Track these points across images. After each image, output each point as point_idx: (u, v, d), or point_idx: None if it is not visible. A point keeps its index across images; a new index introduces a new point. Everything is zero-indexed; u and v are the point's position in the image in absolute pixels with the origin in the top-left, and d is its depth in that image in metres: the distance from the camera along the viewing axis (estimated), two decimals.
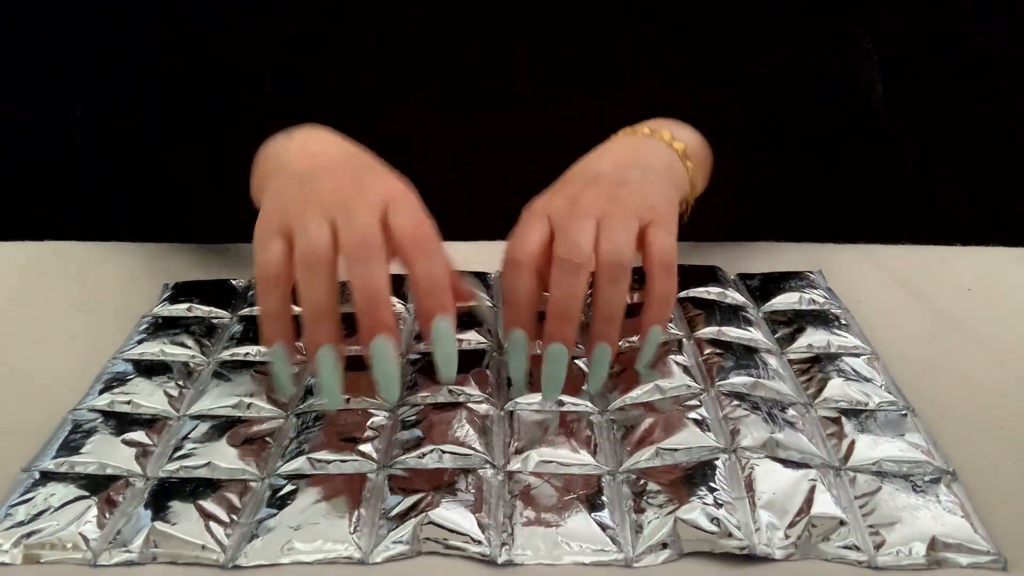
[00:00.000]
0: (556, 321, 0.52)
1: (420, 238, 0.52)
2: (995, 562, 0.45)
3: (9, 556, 0.45)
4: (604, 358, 0.54)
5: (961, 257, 0.76)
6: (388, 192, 0.53)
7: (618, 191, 0.56)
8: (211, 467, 0.51)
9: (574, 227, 0.53)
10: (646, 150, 0.63)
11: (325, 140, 0.62)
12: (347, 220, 0.51)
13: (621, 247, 0.53)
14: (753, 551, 0.45)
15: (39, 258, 0.76)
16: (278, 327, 0.52)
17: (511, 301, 0.54)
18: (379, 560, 0.45)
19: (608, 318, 0.53)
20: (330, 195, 0.52)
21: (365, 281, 0.49)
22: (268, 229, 0.53)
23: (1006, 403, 0.57)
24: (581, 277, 0.52)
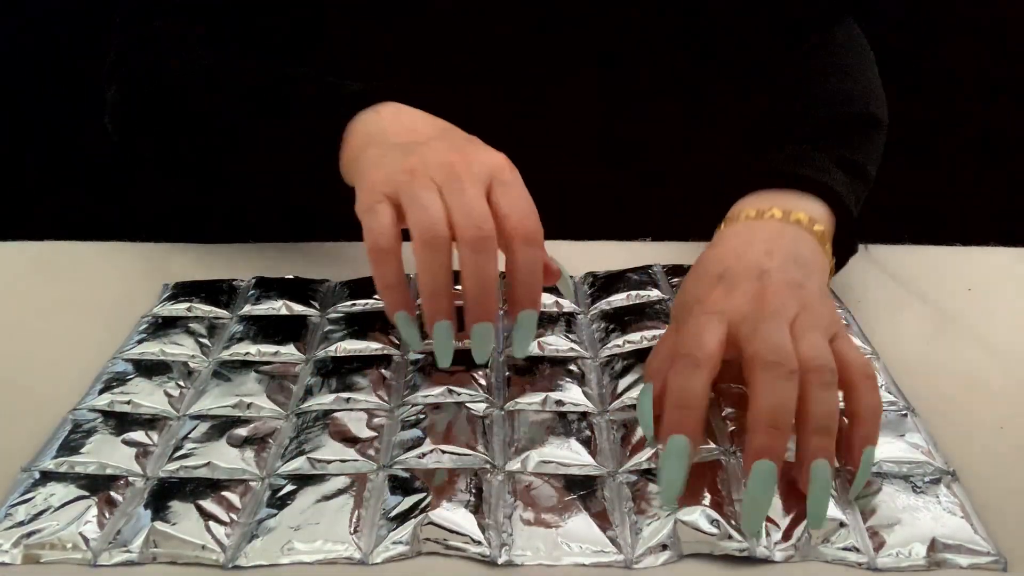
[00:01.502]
0: (770, 432, 0.46)
1: (523, 226, 0.53)
2: (995, 563, 0.45)
3: (9, 556, 0.45)
4: (826, 478, 0.46)
5: (961, 257, 0.76)
6: (494, 165, 0.55)
7: (800, 293, 0.53)
8: (211, 467, 0.51)
9: (776, 330, 0.49)
10: (795, 241, 0.58)
11: (413, 113, 0.61)
12: (458, 195, 0.52)
13: (826, 352, 0.49)
14: (753, 553, 0.45)
15: (39, 258, 0.76)
16: (399, 297, 0.54)
17: (681, 404, 0.48)
18: (379, 560, 0.45)
19: (824, 429, 0.47)
20: (436, 164, 0.53)
21: (477, 271, 0.52)
22: (374, 193, 0.54)
23: (1006, 403, 0.57)
24: (793, 383, 0.47)
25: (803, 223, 0.60)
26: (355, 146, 0.60)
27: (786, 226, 0.59)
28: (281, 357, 0.61)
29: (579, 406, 0.56)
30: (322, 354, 0.61)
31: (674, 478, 0.47)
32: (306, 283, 0.70)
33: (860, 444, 0.48)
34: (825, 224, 0.61)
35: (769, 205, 0.61)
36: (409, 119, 0.61)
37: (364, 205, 0.54)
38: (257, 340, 0.62)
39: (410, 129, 0.59)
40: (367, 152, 0.58)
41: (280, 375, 0.59)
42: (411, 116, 0.61)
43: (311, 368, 0.60)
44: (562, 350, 0.61)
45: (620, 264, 0.72)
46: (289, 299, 0.67)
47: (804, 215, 0.60)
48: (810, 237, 0.59)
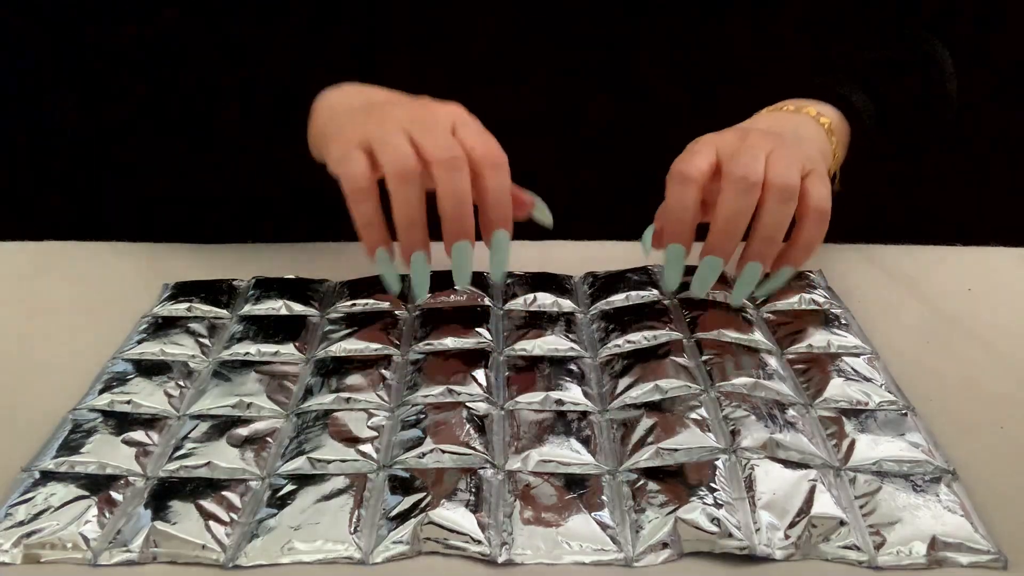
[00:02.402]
0: (720, 236, 0.57)
1: (490, 154, 0.57)
2: (995, 561, 0.45)
3: (9, 556, 0.45)
4: (754, 277, 0.58)
5: (961, 257, 0.76)
6: (454, 111, 0.58)
7: (782, 138, 0.60)
8: (211, 467, 0.51)
9: (747, 153, 0.57)
10: (795, 122, 0.67)
11: (375, 88, 0.65)
12: (427, 133, 0.56)
13: (792, 174, 0.57)
14: (753, 551, 0.45)
15: (39, 258, 0.76)
16: (377, 233, 0.57)
17: (675, 216, 0.58)
18: (379, 560, 0.45)
19: (769, 238, 0.57)
20: (403, 116, 0.57)
21: (453, 189, 0.55)
22: (347, 143, 0.57)
23: (1006, 402, 0.57)
24: (752, 196, 0.56)
25: (811, 114, 0.68)
26: (319, 122, 0.64)
27: (795, 115, 0.68)
28: (281, 357, 0.61)
29: (579, 405, 0.56)
30: (322, 354, 0.61)
31: (674, 276, 0.61)
32: (306, 283, 0.70)
33: (783, 262, 0.60)
34: (833, 119, 0.68)
35: (786, 104, 0.69)
36: (369, 90, 0.64)
37: (337, 155, 0.57)
38: (257, 340, 0.62)
39: (369, 97, 0.63)
40: (332, 121, 0.62)
41: (280, 375, 0.59)
42: (371, 89, 0.65)
43: (311, 368, 0.60)
44: (562, 350, 0.61)
45: (620, 264, 0.72)
46: (289, 299, 0.67)
47: (813, 109, 0.68)
48: (815, 124, 0.67)
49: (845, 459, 0.51)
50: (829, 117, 0.68)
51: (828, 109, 0.70)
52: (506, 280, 0.58)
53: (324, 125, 0.64)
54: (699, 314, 0.64)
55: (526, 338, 0.62)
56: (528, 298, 0.67)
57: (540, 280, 0.70)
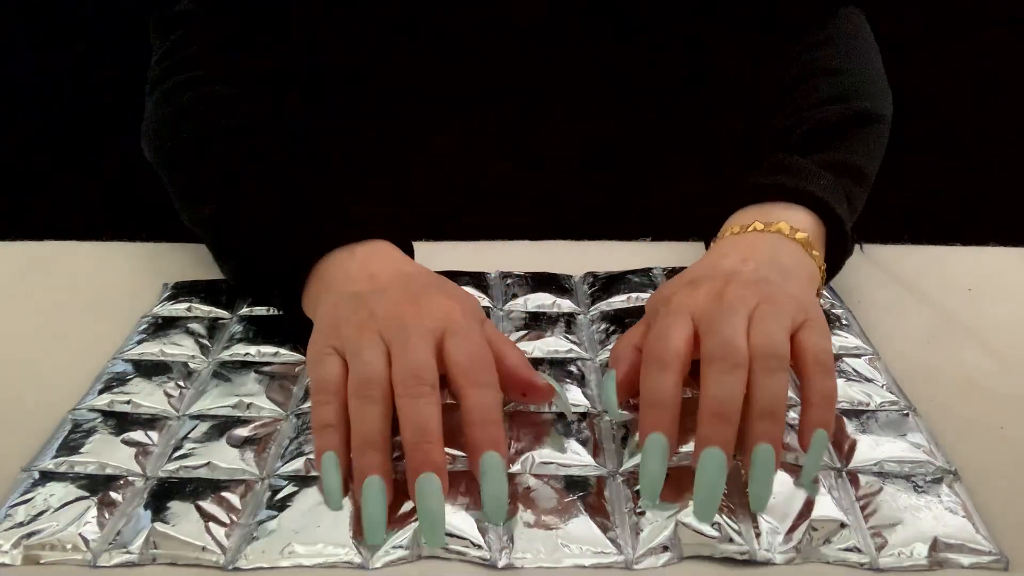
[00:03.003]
0: (714, 422, 0.47)
1: (474, 370, 0.50)
2: (997, 562, 0.45)
3: (9, 557, 0.45)
4: (769, 461, 0.47)
5: (961, 257, 0.76)
6: (445, 316, 0.52)
7: (765, 287, 0.53)
8: (211, 467, 0.51)
9: (726, 324, 0.50)
10: (771, 249, 0.59)
11: (385, 259, 0.58)
12: (402, 349, 0.49)
13: (777, 340, 0.49)
14: (754, 557, 0.45)
15: (39, 258, 0.76)
16: (333, 436, 0.49)
17: (654, 403, 0.49)
18: (379, 565, 0.45)
19: (769, 413, 0.47)
20: (386, 317, 0.51)
21: (414, 417, 0.47)
22: (322, 346, 0.52)
23: (1007, 403, 0.57)
24: (738, 375, 0.48)
25: (784, 232, 0.60)
26: (316, 287, 0.58)
27: (767, 235, 0.60)
28: (281, 357, 0.61)
29: (579, 406, 0.55)
30: None
31: (655, 475, 0.47)
32: None
33: (810, 428, 0.49)
34: (810, 230, 0.61)
35: (751, 219, 0.61)
36: (375, 265, 0.57)
37: (311, 357, 0.52)
38: (257, 340, 0.62)
39: (370, 276, 0.56)
40: (322, 298, 0.56)
41: (280, 375, 0.59)
42: (378, 262, 0.58)
43: None
44: (562, 350, 0.61)
45: (620, 264, 0.72)
46: None
47: (785, 224, 0.60)
48: (792, 244, 0.59)
49: (846, 460, 0.51)
50: (804, 229, 0.60)
51: (800, 215, 0.61)
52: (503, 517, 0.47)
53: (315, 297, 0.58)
54: None
55: (526, 339, 0.62)
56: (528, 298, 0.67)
57: (540, 280, 0.70)
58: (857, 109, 0.71)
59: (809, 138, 0.69)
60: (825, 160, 0.66)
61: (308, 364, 0.53)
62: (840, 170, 0.66)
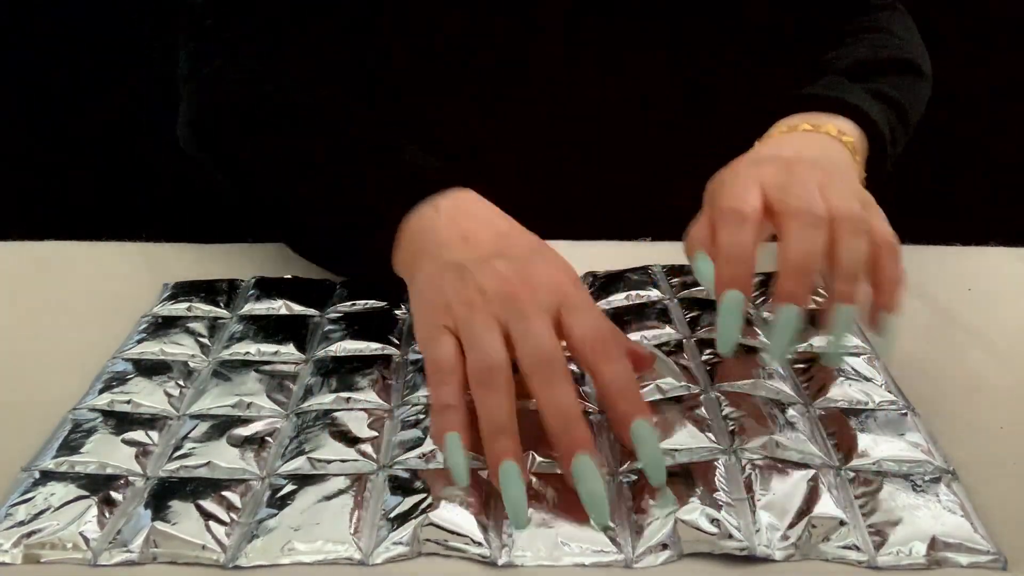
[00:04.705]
0: (794, 280, 0.49)
1: (602, 345, 0.50)
2: (995, 562, 0.45)
3: (9, 556, 0.45)
4: (849, 321, 0.49)
5: (961, 257, 0.76)
6: (558, 290, 0.51)
7: (827, 168, 0.55)
8: (211, 467, 0.51)
9: (800, 185, 0.52)
10: (820, 145, 0.62)
11: (474, 213, 0.58)
12: (524, 334, 0.49)
13: (855, 207, 0.51)
14: (753, 552, 0.45)
15: (39, 258, 0.76)
16: (454, 417, 0.49)
17: (733, 256, 0.51)
18: (379, 561, 0.45)
19: (851, 275, 0.50)
20: (498, 296, 0.50)
21: (555, 402, 0.47)
22: (434, 324, 0.52)
23: (1006, 402, 0.57)
24: (821, 230, 0.50)
25: (832, 133, 0.63)
26: (408, 249, 0.58)
27: (816, 135, 0.63)
28: (281, 357, 0.61)
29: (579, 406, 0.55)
30: (322, 354, 0.61)
31: (731, 329, 0.50)
32: (306, 283, 0.70)
33: (878, 309, 0.52)
34: (855, 137, 0.64)
35: (800, 121, 0.65)
36: (466, 222, 0.56)
37: (424, 336, 0.53)
38: (257, 340, 0.62)
39: (464, 237, 0.55)
40: (421, 261, 0.56)
41: (280, 375, 0.59)
42: (467, 218, 0.57)
43: (311, 368, 0.60)
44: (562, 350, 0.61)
45: (620, 264, 0.72)
46: (289, 299, 0.67)
47: (833, 127, 0.64)
48: (839, 144, 0.63)
49: (845, 459, 0.51)
50: (851, 135, 0.64)
51: (846, 124, 0.65)
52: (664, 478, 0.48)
53: (410, 263, 0.58)
54: (699, 314, 0.64)
55: None
56: None
57: None
58: (905, 58, 0.75)
59: (857, 67, 0.72)
60: (870, 88, 0.69)
61: (420, 341, 0.54)
62: (883, 99, 0.69)
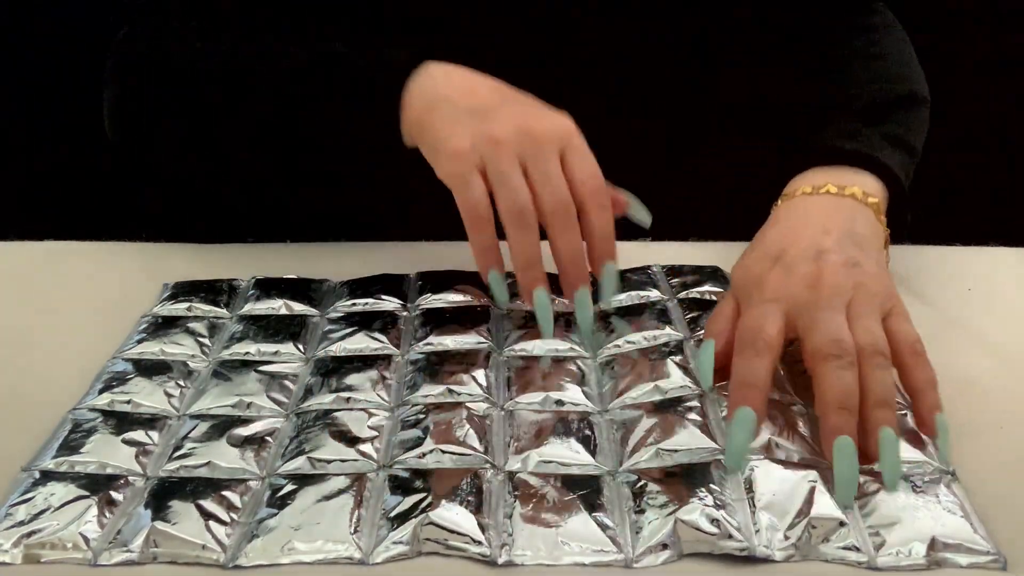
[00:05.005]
0: (842, 414, 0.49)
1: (595, 191, 0.59)
2: (995, 562, 0.45)
3: (9, 556, 0.45)
4: (895, 443, 0.49)
5: (961, 257, 0.76)
6: (564, 132, 0.60)
7: (857, 274, 0.56)
8: (211, 467, 0.51)
9: (831, 320, 0.53)
10: (847, 213, 0.61)
11: (465, 75, 0.64)
12: (544, 176, 0.58)
13: (880, 337, 0.52)
14: (753, 552, 0.45)
15: (39, 258, 0.76)
16: (492, 257, 0.59)
17: (747, 383, 0.52)
18: (379, 560, 0.45)
19: (884, 403, 0.50)
20: (517, 135, 0.58)
21: (569, 244, 0.58)
22: (464, 166, 0.58)
23: (1006, 403, 0.57)
24: (854, 371, 0.51)
25: (858, 196, 0.62)
26: (417, 108, 0.63)
27: (841, 200, 0.62)
28: (281, 357, 0.61)
29: (579, 406, 0.56)
30: (322, 354, 0.61)
31: (740, 446, 0.50)
32: (306, 283, 0.70)
33: (929, 414, 0.52)
34: (879, 196, 0.64)
35: (824, 181, 0.64)
36: (461, 80, 0.64)
37: (454, 173, 0.59)
38: (257, 340, 0.62)
39: (469, 91, 0.62)
40: (435, 115, 0.61)
41: (280, 375, 0.59)
42: (462, 76, 0.64)
43: (311, 368, 0.60)
44: (562, 350, 0.61)
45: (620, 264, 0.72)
46: (289, 299, 0.67)
47: (858, 189, 0.63)
48: (866, 210, 0.62)
49: None
50: (875, 195, 0.63)
51: (869, 181, 0.64)
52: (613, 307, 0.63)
53: (422, 119, 0.63)
54: (699, 314, 0.64)
55: (526, 338, 0.62)
56: None
57: None
58: (907, 90, 0.74)
59: (869, 111, 0.71)
60: (885, 133, 0.69)
61: (453, 183, 0.59)
62: (897, 144, 0.69)
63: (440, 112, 0.61)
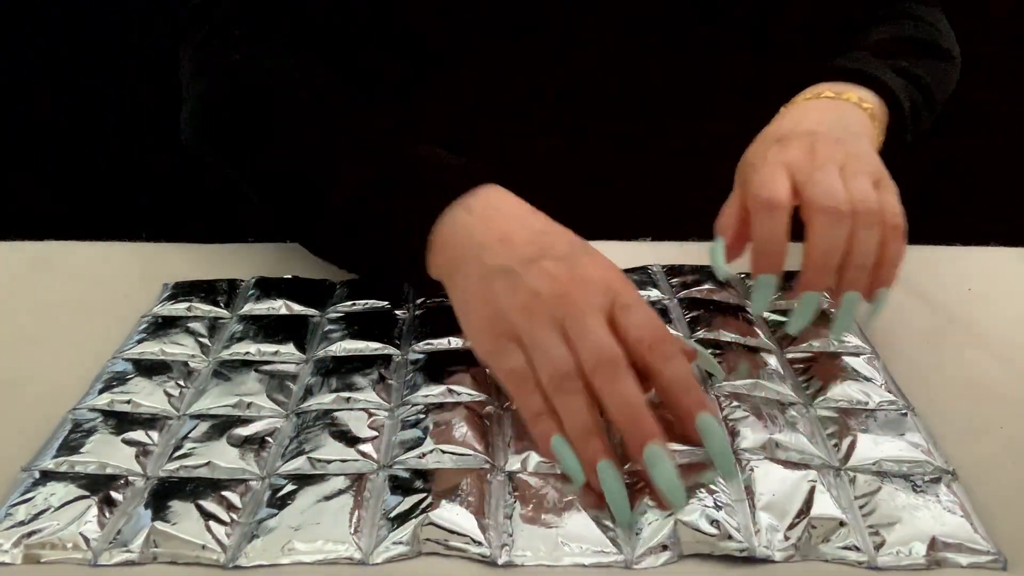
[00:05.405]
0: (817, 271, 0.56)
1: (660, 344, 0.50)
2: (995, 562, 0.45)
3: (9, 556, 0.45)
4: (853, 306, 0.56)
5: (961, 257, 0.76)
6: (609, 287, 0.52)
7: (845, 147, 0.60)
8: (211, 467, 0.51)
9: (826, 175, 0.57)
10: (840, 112, 0.67)
11: (507, 212, 0.57)
12: (582, 333, 0.50)
13: (872, 197, 0.56)
14: (753, 553, 0.45)
15: (39, 258, 0.76)
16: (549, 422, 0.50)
17: (768, 245, 0.57)
18: (379, 561, 0.45)
19: (861, 265, 0.56)
20: (552, 298, 0.51)
21: (620, 398, 0.49)
22: (496, 335, 0.52)
23: (1006, 402, 0.57)
24: (845, 226, 0.55)
25: (852, 100, 0.68)
26: (447, 256, 0.57)
27: (838, 102, 0.68)
28: (281, 357, 0.61)
29: None
30: (322, 354, 0.61)
31: (764, 300, 0.58)
32: (306, 283, 0.70)
33: (877, 284, 0.58)
34: (875, 105, 0.68)
35: (824, 89, 0.69)
36: (501, 222, 0.56)
37: (489, 349, 0.53)
38: (257, 340, 0.62)
39: (503, 239, 0.54)
40: (461, 268, 0.55)
41: (280, 375, 0.59)
42: (503, 218, 0.56)
43: (311, 368, 0.60)
44: None
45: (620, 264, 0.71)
46: (289, 299, 0.67)
47: (854, 95, 0.68)
48: (859, 111, 0.67)
49: (845, 459, 0.51)
50: (871, 103, 0.68)
51: (867, 93, 0.69)
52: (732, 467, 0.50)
53: (451, 270, 0.56)
54: (699, 314, 0.64)
55: None
56: None
57: None
58: (930, 39, 0.78)
59: (881, 46, 0.76)
60: (893, 65, 0.73)
61: (485, 354, 0.54)
62: (903, 74, 0.72)
63: (467, 265, 0.55)
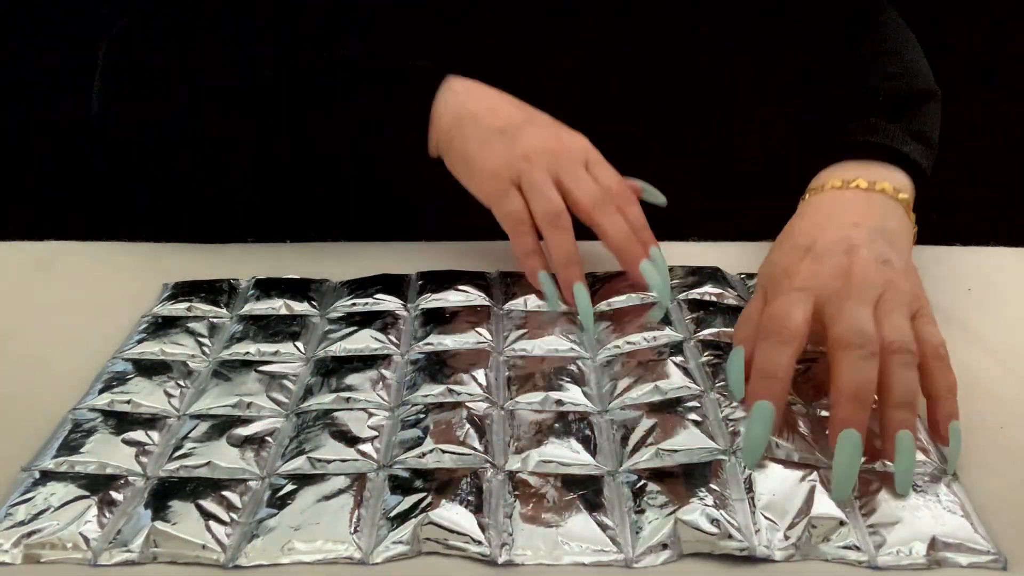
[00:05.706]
0: (852, 405, 0.49)
1: (622, 192, 0.65)
2: (995, 562, 0.45)
3: (9, 556, 0.45)
4: (911, 447, 0.48)
5: (961, 257, 0.76)
6: (584, 149, 0.67)
7: (887, 272, 0.55)
8: (211, 467, 0.51)
9: (857, 310, 0.52)
10: (882, 213, 0.61)
11: (487, 93, 0.69)
12: (576, 181, 0.64)
13: (908, 335, 0.52)
14: (753, 552, 0.45)
15: (39, 258, 0.76)
16: (537, 260, 0.65)
17: (768, 374, 0.51)
18: (379, 560, 0.45)
19: (906, 404, 0.50)
20: (546, 153, 0.65)
21: (616, 225, 0.64)
22: (501, 182, 0.65)
23: (1006, 403, 0.57)
24: (874, 363, 0.50)
25: (888, 192, 0.62)
26: (446, 123, 0.67)
27: (872, 195, 0.62)
28: (281, 357, 0.61)
29: (579, 406, 0.56)
30: (322, 354, 0.61)
31: (758, 440, 0.49)
32: (306, 283, 0.70)
33: (945, 421, 0.51)
34: (908, 192, 0.64)
35: (854, 175, 0.64)
36: (483, 97, 0.68)
37: (493, 192, 0.65)
38: (257, 340, 0.62)
39: (492, 109, 0.67)
40: (464, 133, 0.66)
41: (280, 375, 0.59)
42: (483, 93, 0.69)
43: (311, 368, 0.60)
44: (562, 349, 0.61)
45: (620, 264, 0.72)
46: (289, 299, 0.67)
47: (888, 184, 0.63)
48: (896, 206, 0.62)
49: None
50: (905, 191, 0.63)
51: (898, 176, 0.65)
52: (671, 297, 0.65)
53: (452, 137, 0.67)
54: (699, 314, 0.64)
55: (526, 338, 0.62)
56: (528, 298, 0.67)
57: None
58: (922, 85, 0.75)
59: (891, 106, 0.71)
60: (909, 130, 0.69)
61: (490, 198, 0.66)
62: (920, 140, 0.69)
63: (469, 130, 0.66)
